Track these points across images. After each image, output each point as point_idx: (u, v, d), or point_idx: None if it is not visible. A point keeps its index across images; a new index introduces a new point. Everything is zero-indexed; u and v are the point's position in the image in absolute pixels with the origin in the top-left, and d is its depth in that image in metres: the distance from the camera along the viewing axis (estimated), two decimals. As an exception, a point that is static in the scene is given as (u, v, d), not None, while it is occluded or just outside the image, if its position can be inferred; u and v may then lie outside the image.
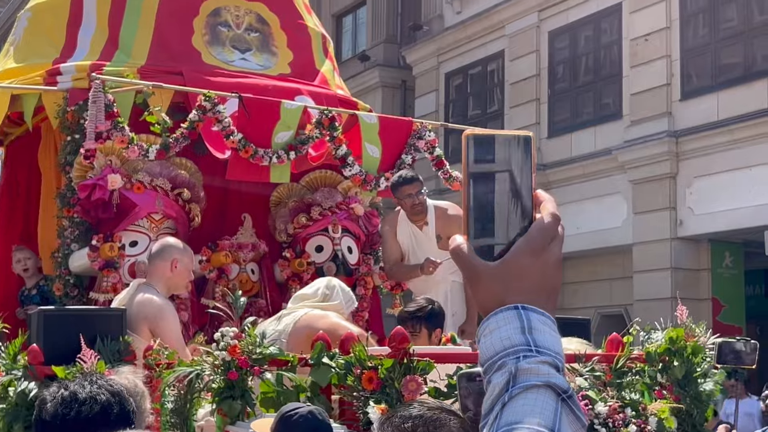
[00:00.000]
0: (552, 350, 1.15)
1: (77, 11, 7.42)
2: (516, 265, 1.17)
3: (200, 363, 4.56)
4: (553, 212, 1.19)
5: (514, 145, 1.19)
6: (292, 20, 7.92)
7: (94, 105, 6.25)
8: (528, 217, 1.18)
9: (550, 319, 1.18)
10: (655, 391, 4.70)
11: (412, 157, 7.25)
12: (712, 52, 14.97)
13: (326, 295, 5.35)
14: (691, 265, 15.18)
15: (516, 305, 1.16)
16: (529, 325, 1.15)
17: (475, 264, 1.18)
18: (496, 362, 1.15)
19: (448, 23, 20.23)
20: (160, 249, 5.76)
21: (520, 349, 1.14)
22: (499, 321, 1.16)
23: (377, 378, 4.30)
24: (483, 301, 1.19)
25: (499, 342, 1.15)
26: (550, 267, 1.19)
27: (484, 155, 1.18)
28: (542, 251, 1.18)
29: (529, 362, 1.13)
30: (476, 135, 1.19)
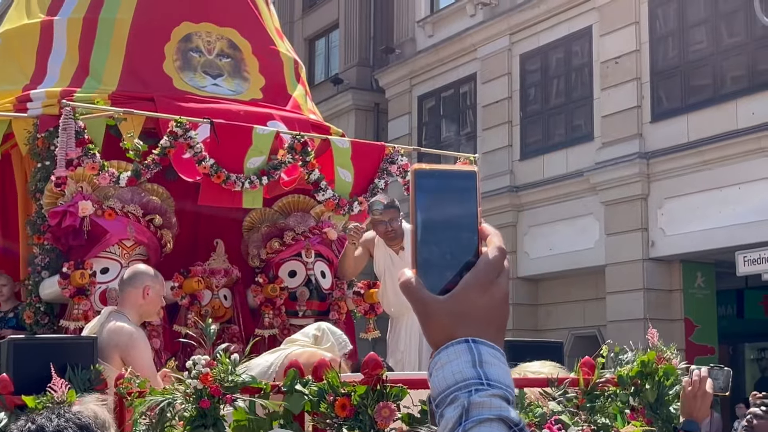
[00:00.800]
0: (503, 383, 1.16)
1: (47, 38, 7.39)
2: (465, 299, 1.18)
3: (172, 391, 4.52)
4: (499, 246, 1.21)
5: (460, 180, 1.21)
6: (264, 46, 7.92)
7: (64, 132, 6.22)
8: (475, 252, 1.20)
9: (499, 352, 1.19)
10: (628, 414, 4.71)
11: (384, 181, 7.26)
12: (681, 74, 15.13)
13: (317, 337, 5.33)
14: (663, 286, 15.26)
15: (466, 339, 1.17)
16: (480, 359, 1.16)
17: (424, 298, 1.19)
18: (448, 396, 1.15)
19: (420, 46, 20.33)
20: (132, 276, 5.71)
21: (472, 382, 1.14)
22: (450, 355, 1.17)
23: (350, 405, 4.28)
24: (433, 335, 1.20)
25: (451, 376, 1.16)
26: (498, 300, 1.20)
27: (431, 190, 1.20)
28: (490, 285, 1.19)
29: (481, 396, 1.13)
30: (423, 170, 1.21)
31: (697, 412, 3.87)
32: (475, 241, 1.20)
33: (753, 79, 14.16)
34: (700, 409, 3.88)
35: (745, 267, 13.38)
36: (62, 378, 4.91)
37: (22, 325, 6.68)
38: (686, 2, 15.13)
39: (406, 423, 4.30)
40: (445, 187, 1.20)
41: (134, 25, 7.40)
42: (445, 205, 1.19)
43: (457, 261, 1.19)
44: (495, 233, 1.22)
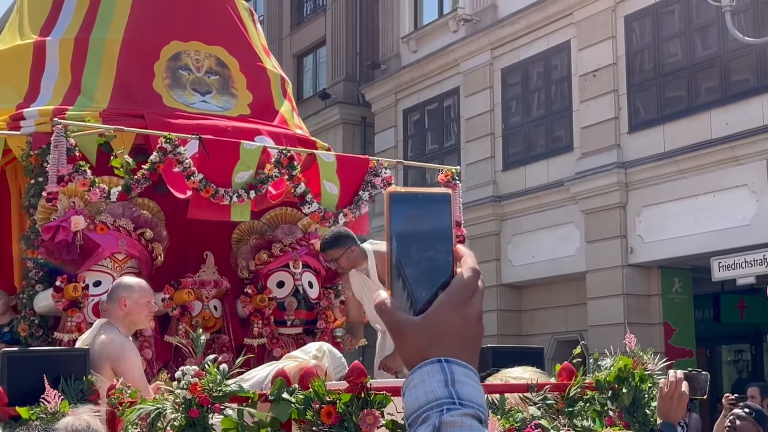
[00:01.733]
0: (475, 402, 1.14)
1: (40, 57, 7.38)
2: (438, 320, 1.17)
3: (162, 401, 4.50)
4: (473, 267, 1.20)
5: (434, 202, 1.20)
6: (251, 63, 7.92)
7: (56, 149, 6.20)
8: (449, 272, 1.19)
9: (473, 372, 1.17)
10: (606, 417, 4.71)
11: (369, 193, 7.26)
12: (657, 86, 15.18)
13: (317, 357, 5.32)
14: (642, 291, 15.29)
15: (439, 359, 1.16)
16: (452, 378, 1.15)
17: (398, 319, 1.18)
18: (420, 416, 1.14)
19: (405, 62, 20.37)
20: (110, 290, 5.78)
21: (444, 402, 1.13)
22: (423, 375, 1.16)
23: (336, 412, 4.27)
24: (407, 355, 1.19)
25: (423, 395, 1.14)
26: (471, 320, 1.19)
27: (405, 212, 1.19)
28: (464, 305, 1.18)
29: (452, 415, 1.12)
30: (397, 193, 1.20)
31: (673, 413, 3.88)
32: (449, 261, 1.19)
33: (726, 91, 14.23)
34: (677, 411, 3.88)
35: (720, 272, 13.41)
36: (55, 389, 4.90)
37: (17, 339, 6.65)
38: (661, 17, 15.20)
39: (390, 430, 4.29)
40: (419, 210, 1.19)
41: (124, 45, 7.39)
42: (420, 228, 1.19)
43: (431, 282, 1.18)
44: (469, 254, 1.21)
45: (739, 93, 14.00)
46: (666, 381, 3.83)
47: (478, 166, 18.00)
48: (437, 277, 1.18)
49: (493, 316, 17.02)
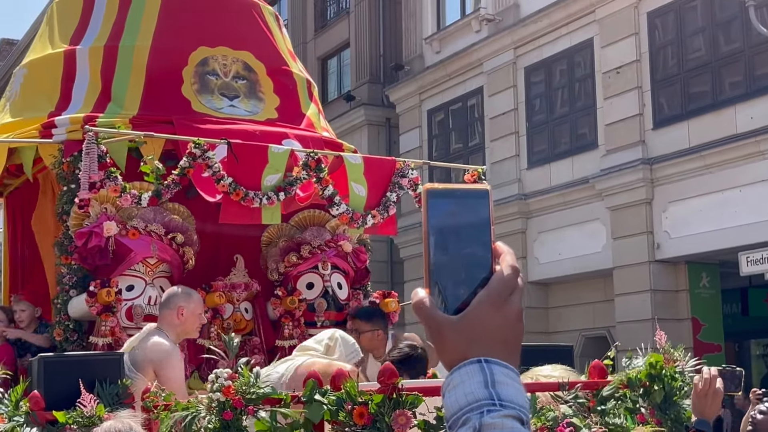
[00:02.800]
0: (516, 403, 1.11)
1: (71, 66, 7.41)
2: (477, 319, 1.13)
3: (195, 405, 4.51)
4: (512, 264, 1.16)
5: (472, 198, 1.17)
6: (278, 67, 7.92)
7: (87, 156, 6.22)
8: (488, 270, 1.15)
9: (513, 372, 1.14)
10: (638, 415, 4.67)
11: (396, 194, 7.24)
12: (681, 82, 15.06)
13: (329, 347, 5.31)
14: (669, 287, 15.17)
15: (479, 359, 1.12)
16: (492, 379, 1.11)
17: (437, 318, 1.14)
18: (460, 418, 1.11)
19: (428, 62, 20.33)
20: (166, 298, 5.82)
21: (484, 403, 1.10)
22: (463, 375, 1.12)
23: (368, 413, 4.25)
24: (446, 356, 1.15)
25: (463, 397, 1.11)
26: (511, 319, 1.15)
27: (443, 209, 1.16)
28: (503, 304, 1.14)
29: (492, 417, 1.09)
30: (435, 189, 1.17)
31: (708, 410, 3.82)
32: (488, 259, 1.15)
33: (750, 85, 14.09)
34: (711, 408, 3.83)
35: (748, 267, 13.29)
36: (91, 393, 4.91)
37: (43, 349, 6.68)
38: (684, 12, 15.07)
39: (422, 430, 4.27)
40: (457, 206, 1.16)
41: (153, 52, 7.41)
42: (458, 224, 1.15)
43: (470, 280, 1.14)
44: (508, 251, 1.17)
45: (763, 87, 13.86)
46: (700, 378, 3.79)
47: (503, 165, 17.94)
48: (476, 275, 1.15)
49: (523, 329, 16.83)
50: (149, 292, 6.59)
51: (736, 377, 4.12)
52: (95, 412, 4.89)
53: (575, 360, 12.32)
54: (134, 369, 5.38)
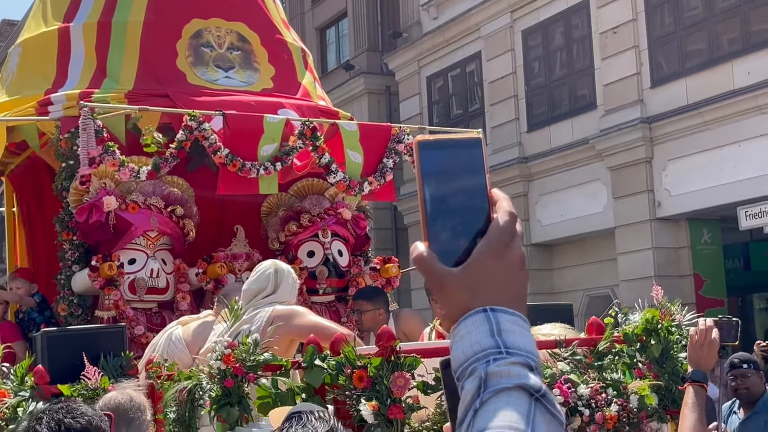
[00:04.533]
0: (523, 350, 1.07)
1: (65, 44, 7.38)
2: (479, 268, 1.10)
3: (197, 374, 4.52)
4: (509, 210, 1.12)
5: (465, 147, 1.13)
6: (272, 36, 7.88)
7: (84, 132, 6.21)
8: (486, 219, 1.12)
9: (521, 318, 1.10)
10: (635, 369, 4.66)
11: (393, 160, 7.21)
12: (678, 39, 14.94)
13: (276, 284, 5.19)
14: (671, 244, 15.15)
15: (484, 308, 1.09)
16: (498, 327, 1.08)
17: (438, 271, 1.11)
18: (467, 368, 1.07)
19: (426, 29, 20.20)
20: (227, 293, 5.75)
21: (490, 352, 1.06)
22: (468, 326, 1.09)
23: (367, 376, 4.26)
24: (450, 308, 1.12)
25: (469, 347, 1.08)
26: (514, 266, 1.12)
27: (436, 160, 1.12)
28: (504, 251, 1.11)
29: (498, 365, 1.05)
30: (426, 140, 1.13)
31: (704, 361, 3.81)
32: (485, 208, 1.12)
33: (747, 40, 13.97)
34: (707, 359, 3.81)
35: (747, 221, 13.24)
36: (95, 366, 4.93)
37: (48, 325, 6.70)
38: (679, -30, 14.93)
39: (421, 391, 4.27)
40: (450, 157, 1.12)
41: (146, 26, 7.38)
42: (452, 175, 1.11)
43: (469, 230, 1.11)
44: (504, 198, 1.13)
45: (760, 42, 13.74)
46: (696, 329, 3.77)
47: (503, 129, 17.86)
48: (474, 224, 1.11)
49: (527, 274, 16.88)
50: (151, 264, 6.60)
51: (733, 327, 4.11)
52: (99, 384, 4.91)
53: (580, 319, 12.31)
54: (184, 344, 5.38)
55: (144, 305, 6.66)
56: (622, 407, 4.39)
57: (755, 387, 6.12)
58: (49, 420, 2.36)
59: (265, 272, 5.19)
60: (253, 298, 5.14)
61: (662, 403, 4.65)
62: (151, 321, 6.66)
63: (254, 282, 5.20)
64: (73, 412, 2.39)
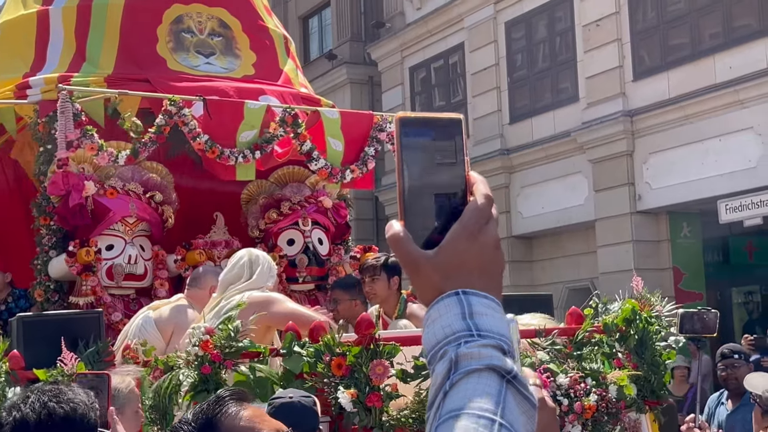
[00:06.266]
0: (495, 332, 1.06)
1: (44, 27, 7.31)
2: (453, 251, 1.08)
3: (174, 360, 4.48)
4: (486, 193, 1.11)
5: (446, 127, 1.11)
6: (254, 23, 7.82)
7: (62, 115, 6.14)
8: (462, 200, 1.10)
9: (493, 302, 1.08)
10: (614, 360, 4.66)
11: (375, 149, 7.18)
12: (660, 33, 14.97)
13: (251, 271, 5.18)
14: (651, 237, 15.19)
15: (456, 291, 1.07)
16: (470, 310, 1.06)
17: (412, 253, 1.09)
18: (438, 352, 1.06)
19: (409, 19, 20.15)
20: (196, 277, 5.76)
21: (461, 335, 1.05)
22: (441, 309, 1.07)
23: (346, 364, 4.24)
24: (423, 291, 1.10)
25: (441, 330, 1.06)
26: (488, 248, 1.10)
27: (415, 138, 1.09)
28: (478, 233, 1.09)
29: (469, 347, 1.04)
30: (407, 117, 1.10)
31: None
32: (462, 189, 1.10)
33: (728, 35, 14.01)
34: None
35: (727, 215, 13.30)
36: (72, 352, 4.88)
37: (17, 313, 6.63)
38: (662, -37, 14.95)
39: (400, 379, 4.26)
40: (430, 135, 1.10)
41: (126, 10, 7.31)
42: (431, 154, 1.09)
43: (444, 211, 1.09)
44: (481, 180, 1.12)
45: (742, 36, 13.78)
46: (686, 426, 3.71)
47: (486, 120, 17.85)
48: (450, 206, 1.10)
49: (506, 267, 16.95)
50: (129, 251, 6.55)
51: (711, 319, 4.11)
52: (75, 370, 4.86)
53: (560, 312, 12.33)
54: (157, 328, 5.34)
55: (121, 291, 6.62)
56: (601, 397, 4.40)
57: (743, 377, 6.17)
58: (35, 401, 2.32)
59: (240, 261, 5.19)
60: (228, 287, 5.11)
61: (641, 393, 4.66)
62: (129, 308, 6.61)
63: (229, 271, 5.19)
64: (59, 396, 2.34)
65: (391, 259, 6.08)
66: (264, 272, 5.14)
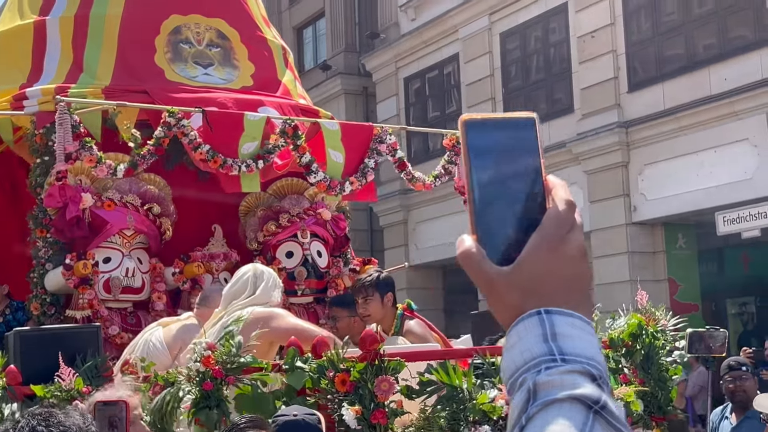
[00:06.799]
0: (583, 356, 0.93)
1: (41, 37, 7.24)
2: (533, 266, 0.96)
3: (175, 376, 4.41)
4: (566, 198, 0.99)
5: (517, 128, 1.00)
6: (252, 33, 7.77)
7: (61, 127, 6.06)
8: (540, 208, 0.98)
9: (581, 320, 0.96)
10: (621, 375, 4.60)
11: (375, 160, 7.12)
12: (655, 45, 14.97)
13: (255, 287, 5.11)
14: (646, 248, 15.17)
15: (538, 310, 0.95)
16: (552, 331, 0.94)
17: (486, 271, 0.97)
18: (516, 380, 0.94)
19: (403, 30, 20.14)
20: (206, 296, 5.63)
21: (542, 360, 0.92)
22: (520, 332, 0.95)
23: (350, 380, 4.17)
24: (501, 313, 0.98)
25: (520, 356, 0.94)
26: (573, 259, 0.97)
27: (484, 142, 0.99)
28: (561, 243, 0.97)
29: (550, 374, 0.91)
30: (473, 120, 0.99)
31: None
32: (540, 195, 0.98)
33: (723, 46, 14.01)
34: None
35: (725, 226, 13.27)
36: (70, 366, 4.80)
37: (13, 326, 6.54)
38: (657, -25, 14.95)
39: (405, 396, 4.19)
40: (501, 138, 0.99)
41: (124, 21, 7.24)
42: (503, 158, 0.98)
43: (521, 221, 0.98)
44: (561, 185, 1.00)
45: (736, 48, 13.79)
46: None
47: (480, 131, 17.82)
48: (527, 215, 0.98)
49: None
50: (126, 263, 6.48)
51: (720, 339, 4.05)
52: (74, 386, 4.78)
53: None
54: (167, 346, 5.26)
55: (119, 305, 6.54)
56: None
57: (751, 390, 6.13)
58: (24, 426, 2.23)
59: (244, 276, 5.12)
60: (232, 301, 5.04)
61: (647, 409, 4.60)
62: (126, 321, 6.54)
63: (233, 286, 5.12)
64: (48, 420, 2.24)
65: (382, 276, 5.95)
66: (268, 287, 5.08)
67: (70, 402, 4.67)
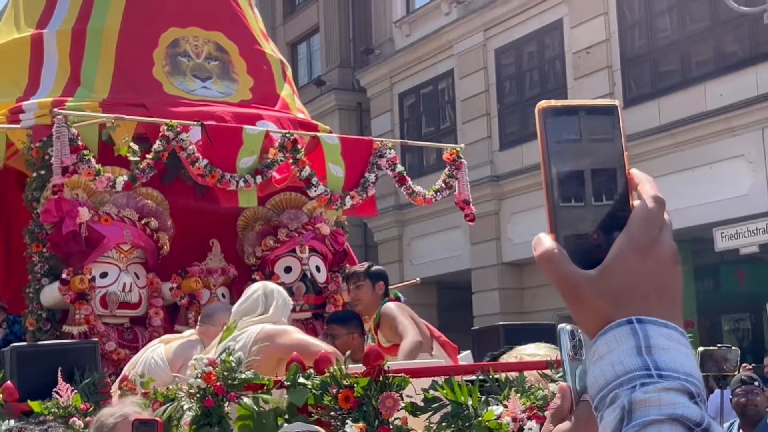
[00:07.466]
0: (680, 372, 0.84)
1: (38, 51, 7.19)
2: (622, 269, 0.88)
3: (176, 392, 4.34)
4: (655, 195, 0.90)
5: (599, 116, 0.91)
6: (251, 47, 7.74)
7: (58, 140, 6.01)
8: (625, 206, 0.90)
9: (676, 331, 0.88)
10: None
11: (375, 175, 7.07)
12: (650, 61, 14.99)
13: (266, 305, 5.05)
14: (642, 264, 15.14)
15: (629, 319, 0.87)
16: (647, 343, 0.86)
17: (571, 276, 0.89)
18: (607, 395, 0.86)
19: (398, 46, 20.15)
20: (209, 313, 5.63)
21: (637, 375, 0.84)
22: (610, 342, 0.87)
23: (353, 396, 4.11)
24: (586, 321, 0.90)
25: (610, 368, 0.86)
26: (665, 263, 0.89)
27: (564, 132, 0.91)
28: (651, 246, 0.89)
29: (647, 391, 0.83)
30: (552, 107, 0.92)
31: None
32: (624, 192, 0.90)
33: (719, 62, 14.04)
34: None
35: (723, 242, 13.26)
36: (67, 383, 4.74)
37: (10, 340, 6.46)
38: (652, -8, 14.99)
39: (409, 412, 4.13)
40: (581, 128, 0.91)
41: (122, 34, 7.21)
42: (583, 150, 0.91)
43: (605, 219, 0.90)
44: (647, 180, 0.92)
45: (732, 64, 13.82)
46: None
47: (475, 147, 17.79)
48: (612, 213, 0.90)
49: (495, 295, 16.88)
50: (123, 278, 6.41)
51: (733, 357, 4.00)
52: (71, 402, 4.72)
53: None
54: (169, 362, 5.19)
55: (115, 320, 6.47)
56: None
57: (762, 405, 6.09)
58: None
59: (254, 294, 5.06)
60: (242, 318, 4.98)
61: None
62: (123, 337, 6.46)
63: (242, 303, 5.07)
64: None
65: (374, 267, 6.03)
66: (279, 306, 5.03)
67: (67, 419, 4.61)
